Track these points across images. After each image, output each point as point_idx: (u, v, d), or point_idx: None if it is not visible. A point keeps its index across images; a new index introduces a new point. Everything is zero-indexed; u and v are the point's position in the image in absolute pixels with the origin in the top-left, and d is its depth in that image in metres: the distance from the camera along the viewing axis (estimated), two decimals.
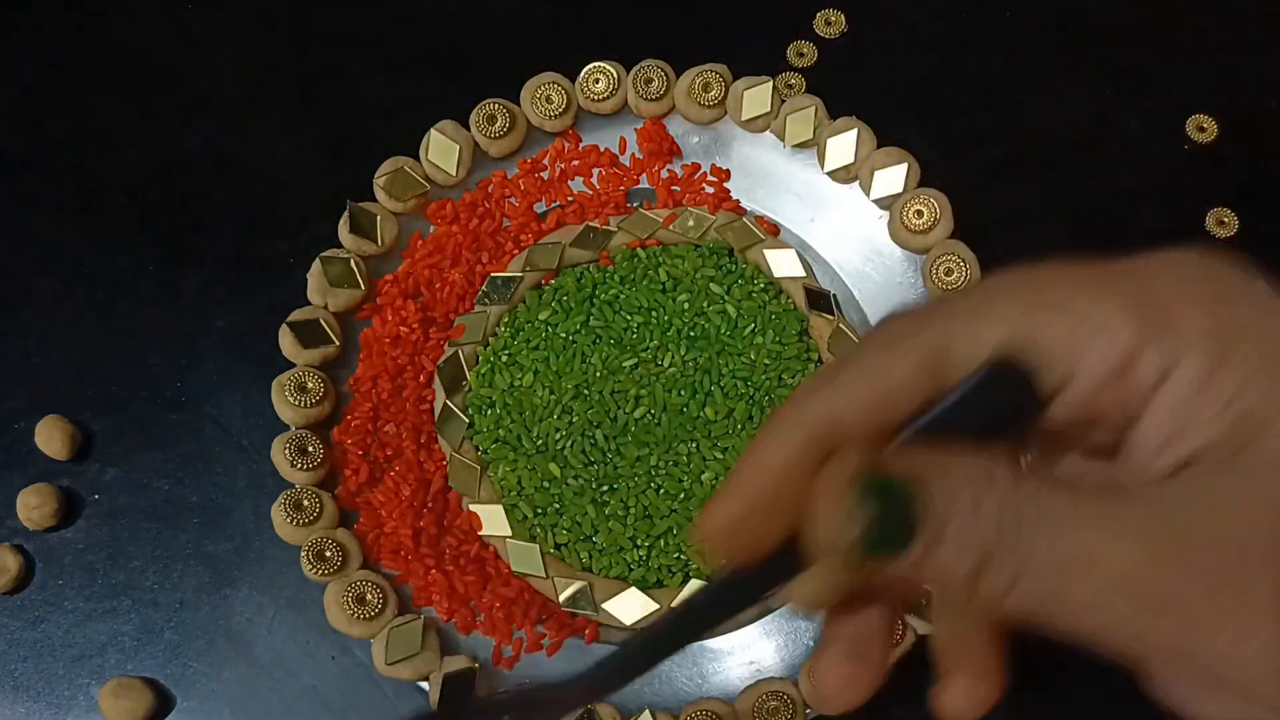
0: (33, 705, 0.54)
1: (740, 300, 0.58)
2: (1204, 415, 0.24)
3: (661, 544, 0.54)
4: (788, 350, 0.57)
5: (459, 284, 0.59)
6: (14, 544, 0.56)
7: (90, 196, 0.64)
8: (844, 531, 0.23)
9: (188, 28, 0.68)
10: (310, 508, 0.53)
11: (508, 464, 0.56)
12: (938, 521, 0.23)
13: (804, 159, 0.60)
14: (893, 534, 0.23)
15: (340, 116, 0.65)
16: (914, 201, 0.57)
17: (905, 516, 0.23)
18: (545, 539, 0.55)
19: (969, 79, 0.66)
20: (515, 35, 0.67)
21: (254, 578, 0.56)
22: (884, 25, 0.67)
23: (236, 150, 0.64)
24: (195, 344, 0.60)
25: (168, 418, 0.59)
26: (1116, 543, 0.23)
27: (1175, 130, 0.65)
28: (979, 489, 0.23)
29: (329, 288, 0.56)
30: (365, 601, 0.51)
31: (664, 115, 0.61)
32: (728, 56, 0.61)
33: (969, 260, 0.56)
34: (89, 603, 0.56)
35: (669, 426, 0.56)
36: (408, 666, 0.51)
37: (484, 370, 0.58)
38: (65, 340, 0.60)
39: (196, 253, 0.62)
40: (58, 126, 0.65)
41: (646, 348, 0.58)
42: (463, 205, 0.60)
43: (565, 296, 0.59)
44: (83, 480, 0.58)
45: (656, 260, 0.59)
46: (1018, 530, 0.23)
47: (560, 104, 0.60)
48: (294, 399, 0.54)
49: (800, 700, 0.50)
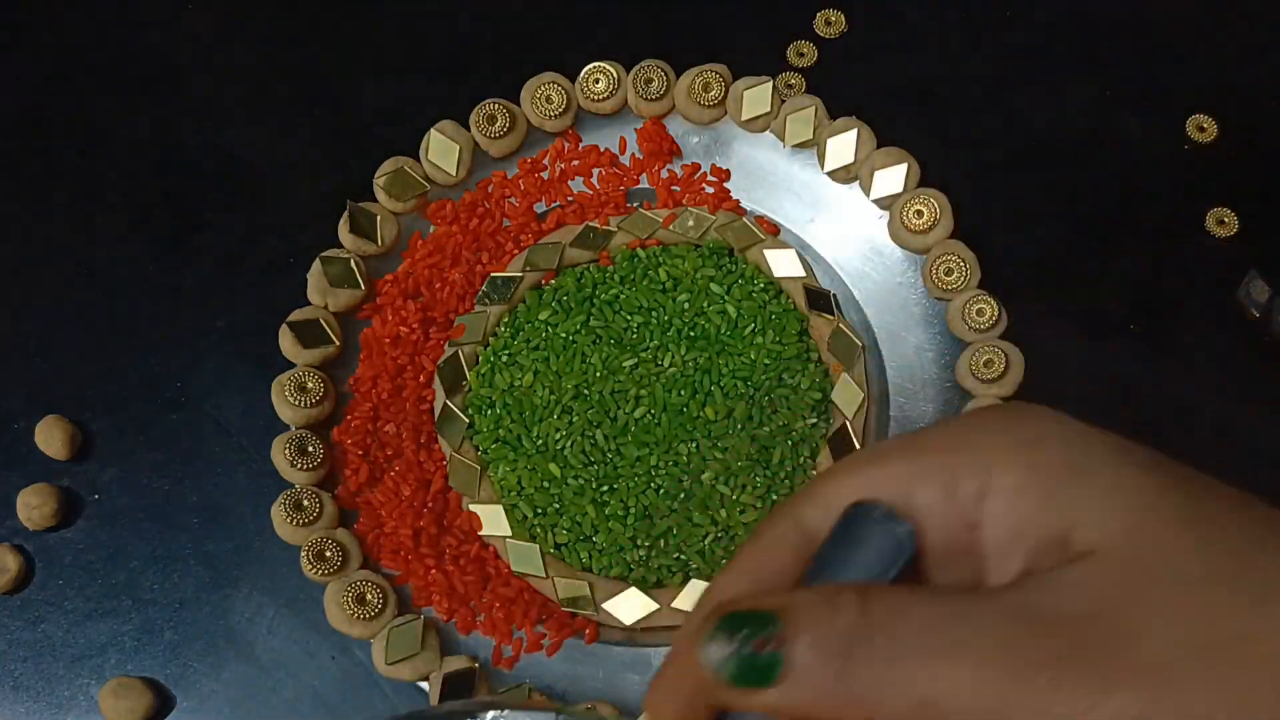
0: (33, 705, 0.54)
1: (740, 300, 0.58)
2: (1026, 520, 0.27)
3: (661, 544, 0.54)
4: (788, 350, 0.57)
5: (459, 284, 0.59)
6: (14, 544, 0.56)
7: (90, 196, 0.64)
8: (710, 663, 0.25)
9: (188, 28, 0.68)
10: (310, 508, 0.53)
11: (508, 464, 0.56)
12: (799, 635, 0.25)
13: (804, 159, 0.60)
14: (761, 659, 0.25)
15: (340, 116, 0.65)
16: (914, 201, 0.57)
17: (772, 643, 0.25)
18: (545, 539, 0.55)
19: (969, 79, 0.66)
20: (515, 35, 0.67)
21: (254, 578, 0.56)
22: (884, 25, 0.67)
23: (236, 150, 0.65)
24: (195, 344, 0.60)
25: (168, 418, 0.59)
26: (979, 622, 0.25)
27: (1175, 130, 0.65)
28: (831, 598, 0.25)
29: (329, 288, 0.56)
30: (365, 601, 0.51)
31: (664, 115, 0.61)
32: (728, 56, 0.61)
33: (969, 260, 0.56)
34: (89, 603, 0.56)
35: (669, 426, 0.56)
36: (408, 666, 0.51)
37: (484, 370, 0.58)
38: (65, 340, 0.60)
39: (196, 253, 0.62)
40: (58, 126, 0.65)
41: (646, 348, 0.58)
42: (463, 205, 0.60)
43: (565, 296, 0.59)
44: (83, 480, 0.58)
45: (656, 260, 0.59)
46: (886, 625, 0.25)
47: (560, 104, 0.60)
48: (294, 399, 0.54)
49: None
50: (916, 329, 0.58)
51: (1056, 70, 0.66)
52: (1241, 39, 0.67)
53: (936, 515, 0.28)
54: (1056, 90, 0.66)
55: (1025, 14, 0.68)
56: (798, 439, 0.56)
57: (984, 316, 0.55)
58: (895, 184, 0.58)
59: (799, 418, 0.56)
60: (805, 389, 0.57)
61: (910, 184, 0.58)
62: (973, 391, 0.55)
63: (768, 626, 0.25)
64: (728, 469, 0.55)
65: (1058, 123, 0.65)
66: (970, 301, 0.55)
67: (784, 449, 0.56)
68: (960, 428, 0.29)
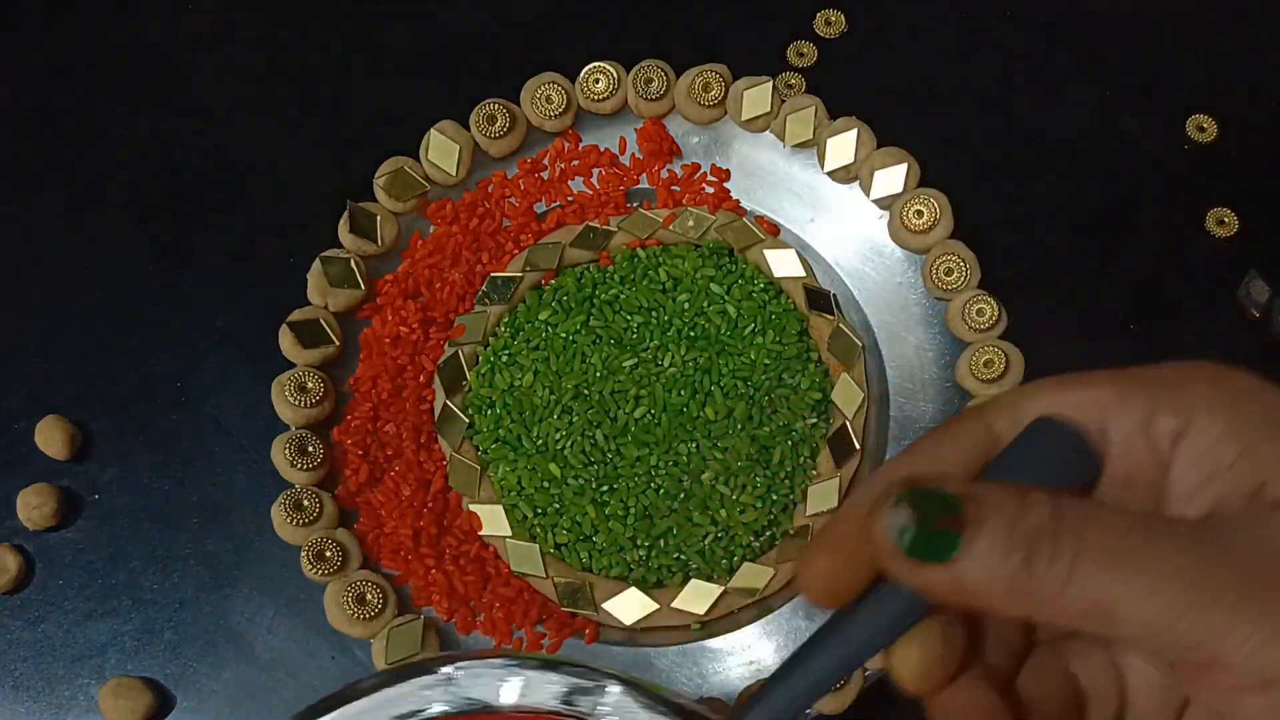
0: (33, 705, 0.54)
1: (740, 300, 0.58)
2: (1222, 465, 0.27)
3: (661, 544, 0.54)
4: (788, 350, 0.57)
5: (459, 284, 0.59)
6: (14, 544, 0.56)
7: (90, 196, 0.64)
8: (890, 526, 0.26)
9: (188, 28, 0.68)
10: (310, 508, 0.53)
11: (508, 464, 0.56)
12: (984, 517, 0.26)
13: (804, 159, 0.60)
14: (939, 537, 0.26)
15: (340, 116, 0.65)
16: (914, 201, 0.57)
17: (951, 523, 0.26)
18: (545, 539, 0.55)
19: (969, 79, 0.66)
20: (515, 35, 0.67)
21: (254, 578, 0.56)
22: (884, 25, 0.67)
23: (236, 150, 0.65)
24: (195, 344, 0.60)
25: (168, 418, 0.59)
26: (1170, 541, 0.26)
27: (1175, 130, 0.65)
28: (1023, 498, 0.26)
29: (329, 288, 0.56)
30: (365, 601, 0.51)
31: (664, 115, 0.61)
32: (728, 56, 0.61)
33: (969, 260, 0.56)
34: (89, 603, 0.56)
35: (669, 426, 0.56)
36: None
37: (484, 370, 0.58)
38: (65, 340, 0.60)
39: (196, 253, 0.62)
40: (58, 126, 0.65)
41: (646, 348, 0.58)
42: (463, 205, 0.60)
43: (565, 296, 0.59)
44: (83, 480, 0.58)
45: (656, 260, 0.59)
46: (1072, 531, 0.26)
47: (560, 104, 0.60)
48: (294, 399, 0.54)
49: None
50: (916, 329, 0.58)
51: (1056, 70, 0.66)
52: (1241, 39, 0.67)
53: (1128, 445, 0.29)
54: (1056, 90, 0.66)
55: (1025, 14, 0.68)
56: (798, 439, 0.56)
57: (984, 316, 0.55)
58: (895, 184, 0.58)
59: (799, 418, 0.56)
60: (805, 389, 0.57)
61: (910, 184, 0.58)
62: (973, 391, 0.55)
63: (954, 508, 0.26)
64: (728, 469, 0.55)
65: (1058, 123, 0.65)
66: (970, 301, 0.55)
67: (784, 449, 0.56)
68: (1168, 370, 0.29)
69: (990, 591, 0.26)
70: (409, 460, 0.56)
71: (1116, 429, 0.29)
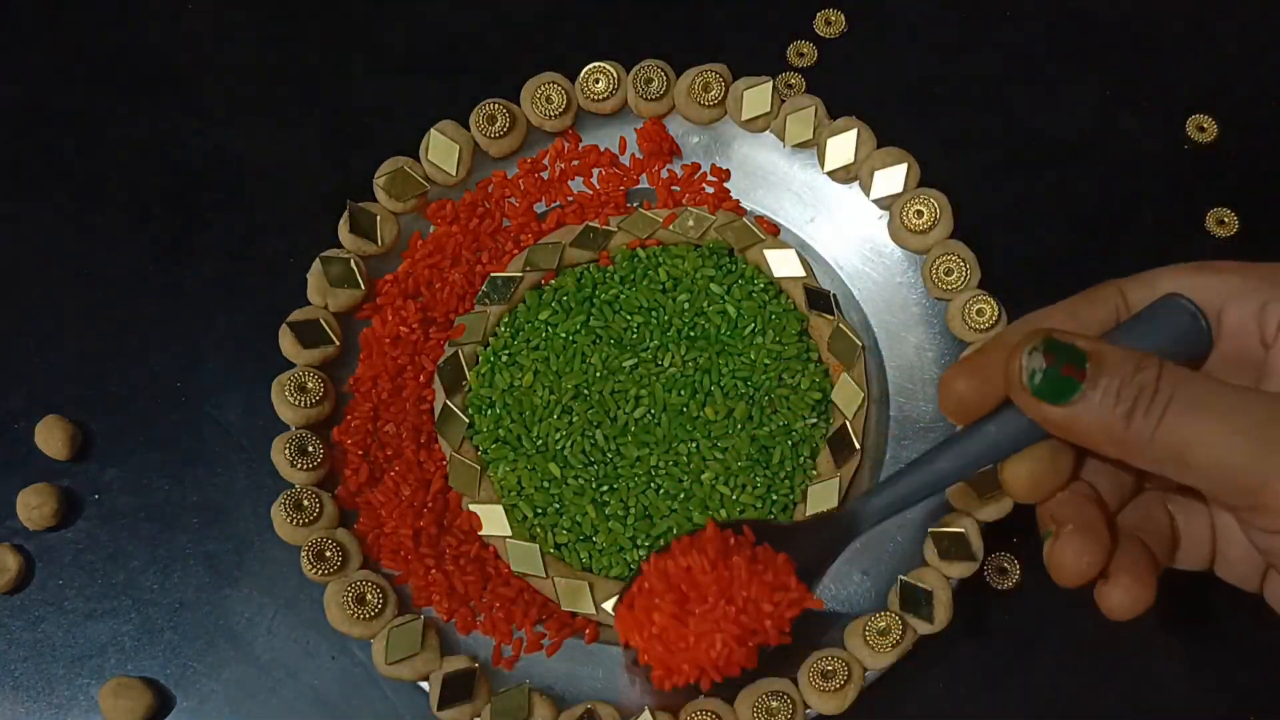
0: (33, 705, 0.54)
1: (740, 300, 0.58)
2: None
3: (661, 544, 0.54)
4: (788, 350, 0.57)
5: (459, 284, 0.59)
6: (14, 544, 0.56)
7: (90, 196, 0.64)
8: (1026, 367, 0.32)
9: (188, 28, 0.68)
10: (310, 508, 0.53)
11: (508, 464, 0.56)
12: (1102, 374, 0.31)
13: (804, 159, 0.60)
14: (1063, 382, 0.32)
15: (340, 116, 0.65)
16: (914, 201, 0.57)
17: (1075, 372, 0.31)
18: (545, 539, 0.55)
19: (969, 79, 0.66)
20: (515, 35, 0.67)
21: (254, 578, 0.56)
22: (884, 25, 0.67)
23: (236, 150, 0.65)
24: (195, 344, 0.60)
25: (168, 418, 0.59)
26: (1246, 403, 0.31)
27: (1175, 130, 0.65)
28: (1138, 362, 0.32)
29: (329, 288, 0.56)
30: (365, 601, 0.51)
31: (664, 115, 0.61)
32: (728, 56, 0.61)
33: (969, 260, 0.56)
34: (89, 603, 0.56)
35: (669, 426, 0.56)
36: (408, 666, 0.51)
37: (484, 370, 0.58)
38: (65, 340, 0.60)
39: (196, 253, 0.62)
40: (57, 126, 0.65)
41: (646, 348, 0.58)
42: (463, 205, 0.60)
43: (565, 296, 0.59)
44: (83, 480, 0.58)
45: (656, 260, 0.59)
46: (1171, 388, 0.31)
47: (560, 104, 0.60)
48: (294, 399, 0.54)
49: (800, 700, 0.50)
50: (916, 329, 0.58)
51: (1056, 70, 0.66)
52: (1241, 39, 0.67)
53: (1240, 328, 0.34)
54: (1056, 90, 0.66)
55: (1025, 14, 0.68)
56: (798, 439, 0.56)
57: (984, 316, 0.55)
58: (895, 184, 0.58)
59: (799, 418, 0.56)
60: (805, 389, 0.57)
61: (910, 184, 0.58)
62: None
63: (1081, 361, 0.32)
64: (728, 469, 0.55)
65: (1058, 123, 0.65)
66: (970, 301, 0.55)
67: (784, 449, 0.56)
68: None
69: (1095, 433, 0.32)
70: (409, 460, 0.56)
71: (1233, 313, 0.34)
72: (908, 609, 0.51)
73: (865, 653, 0.50)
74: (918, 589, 0.51)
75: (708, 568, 0.46)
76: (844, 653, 0.50)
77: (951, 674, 0.54)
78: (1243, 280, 0.34)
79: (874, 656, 0.50)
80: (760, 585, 0.46)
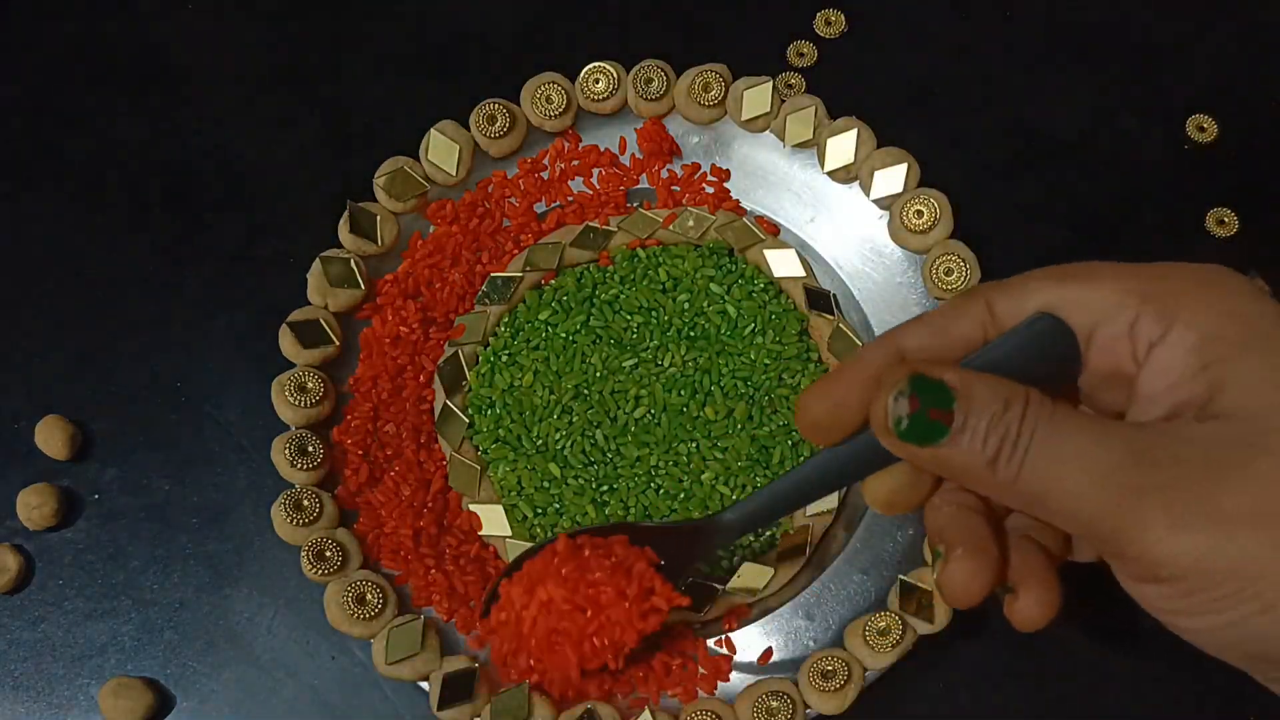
0: (33, 705, 0.54)
1: (740, 300, 0.58)
2: (1184, 377, 0.31)
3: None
4: (788, 350, 0.57)
5: (459, 284, 0.59)
6: (14, 544, 0.56)
7: (90, 196, 0.64)
8: (892, 413, 0.31)
9: (188, 28, 0.68)
10: (310, 508, 0.53)
11: (508, 464, 0.56)
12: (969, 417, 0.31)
13: (804, 159, 0.60)
14: (930, 425, 0.31)
15: (340, 116, 0.65)
16: (914, 201, 0.57)
17: (942, 415, 0.31)
18: (545, 539, 0.55)
19: (969, 79, 0.66)
20: (515, 35, 0.67)
21: (254, 578, 0.56)
22: (884, 25, 0.67)
23: (236, 150, 0.65)
24: (195, 344, 0.60)
25: (168, 418, 0.59)
26: (1103, 446, 0.30)
27: (1175, 130, 0.65)
28: (1006, 398, 0.31)
29: (329, 288, 0.56)
30: (365, 601, 0.51)
31: (664, 115, 0.61)
32: (728, 56, 0.61)
33: (969, 260, 0.56)
34: (89, 603, 0.56)
35: (669, 426, 0.56)
36: (408, 666, 0.51)
37: (484, 370, 0.58)
38: (65, 340, 0.60)
39: (196, 253, 0.62)
40: (57, 126, 0.65)
41: (646, 348, 0.58)
42: (463, 205, 0.60)
43: (565, 296, 0.59)
44: (83, 480, 0.58)
45: (656, 260, 0.59)
46: (1032, 431, 0.30)
47: (560, 104, 0.60)
48: (294, 399, 0.54)
49: (800, 700, 0.50)
50: None
51: (1056, 70, 0.66)
52: (1241, 39, 0.67)
53: (1113, 346, 0.33)
54: (1056, 90, 0.66)
55: (1025, 14, 0.68)
56: (798, 439, 0.56)
57: None
58: (895, 184, 0.58)
59: None
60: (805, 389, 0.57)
61: (910, 184, 0.58)
62: None
63: (948, 402, 0.31)
64: (728, 469, 0.55)
65: (1058, 123, 0.65)
66: None
67: (784, 449, 0.56)
68: (1173, 277, 0.32)
69: (962, 475, 0.32)
70: (409, 460, 0.56)
71: (1104, 329, 0.32)
72: (907, 609, 0.51)
73: (865, 653, 0.50)
74: (917, 589, 0.51)
75: (566, 597, 0.46)
76: (844, 653, 0.50)
77: (951, 674, 0.54)
78: (1114, 291, 0.32)
79: (874, 656, 0.50)
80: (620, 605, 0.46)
